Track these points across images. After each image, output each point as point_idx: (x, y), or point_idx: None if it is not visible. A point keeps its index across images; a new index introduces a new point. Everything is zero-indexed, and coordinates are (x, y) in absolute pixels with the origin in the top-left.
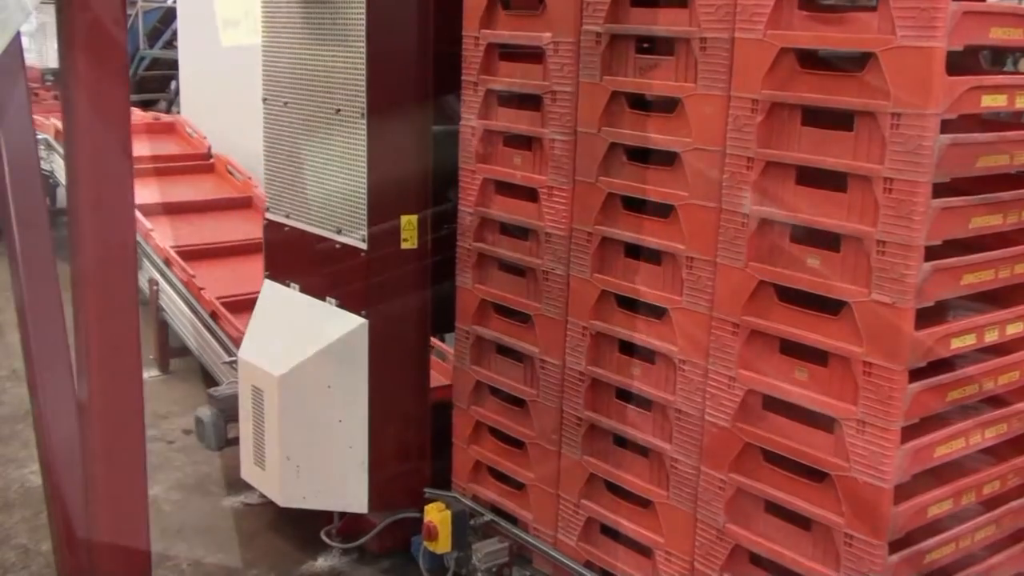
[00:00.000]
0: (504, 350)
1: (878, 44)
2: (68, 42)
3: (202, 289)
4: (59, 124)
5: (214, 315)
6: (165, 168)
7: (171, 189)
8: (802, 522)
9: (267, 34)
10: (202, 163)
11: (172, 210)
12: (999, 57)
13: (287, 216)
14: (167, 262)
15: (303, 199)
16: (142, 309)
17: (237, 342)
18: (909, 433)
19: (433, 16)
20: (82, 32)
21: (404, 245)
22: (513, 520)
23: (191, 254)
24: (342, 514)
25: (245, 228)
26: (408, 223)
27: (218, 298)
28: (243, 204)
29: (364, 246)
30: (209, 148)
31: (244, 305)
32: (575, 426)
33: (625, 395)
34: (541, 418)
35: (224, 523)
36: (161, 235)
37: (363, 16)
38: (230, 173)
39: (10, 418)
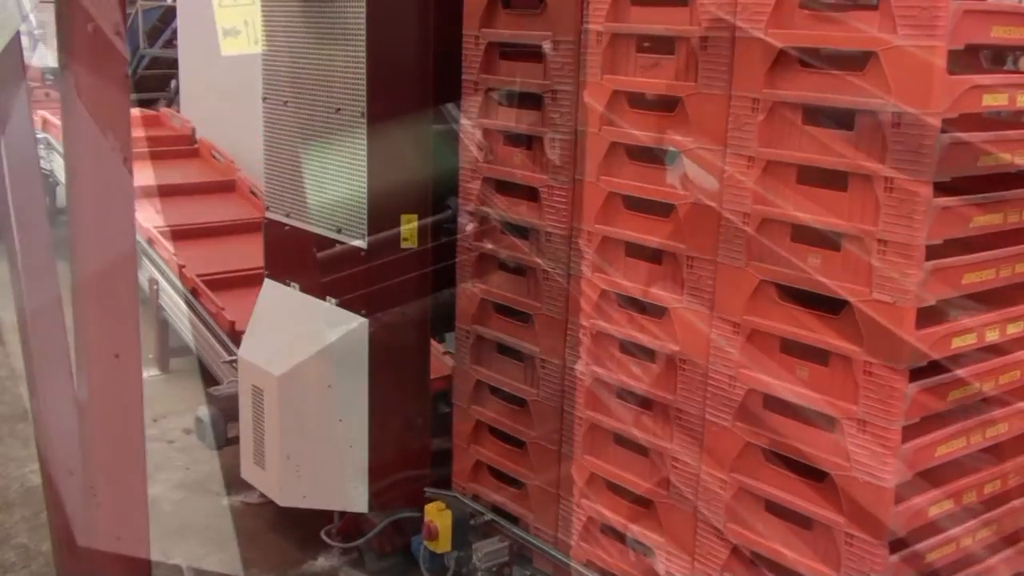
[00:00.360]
0: (504, 350)
1: (879, 43)
2: (68, 42)
3: (183, 266)
4: (47, 115)
5: (194, 291)
6: (150, 152)
7: (155, 172)
8: (802, 522)
9: (267, 33)
10: (186, 147)
11: (155, 192)
12: (999, 56)
13: (287, 215)
14: (150, 241)
15: (303, 198)
16: (142, 309)
17: (217, 317)
18: (909, 433)
19: (433, 16)
20: (82, 32)
21: (404, 245)
22: (514, 520)
23: (173, 234)
24: (342, 514)
25: (227, 210)
26: (408, 222)
27: (199, 275)
28: (226, 187)
29: (364, 245)
30: (193, 131)
31: (223, 283)
32: (575, 426)
33: (625, 395)
34: (541, 418)
35: (224, 523)
36: (144, 216)
37: (363, 16)
38: (214, 157)
39: (10, 417)
